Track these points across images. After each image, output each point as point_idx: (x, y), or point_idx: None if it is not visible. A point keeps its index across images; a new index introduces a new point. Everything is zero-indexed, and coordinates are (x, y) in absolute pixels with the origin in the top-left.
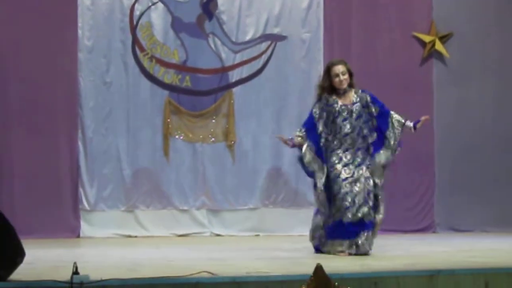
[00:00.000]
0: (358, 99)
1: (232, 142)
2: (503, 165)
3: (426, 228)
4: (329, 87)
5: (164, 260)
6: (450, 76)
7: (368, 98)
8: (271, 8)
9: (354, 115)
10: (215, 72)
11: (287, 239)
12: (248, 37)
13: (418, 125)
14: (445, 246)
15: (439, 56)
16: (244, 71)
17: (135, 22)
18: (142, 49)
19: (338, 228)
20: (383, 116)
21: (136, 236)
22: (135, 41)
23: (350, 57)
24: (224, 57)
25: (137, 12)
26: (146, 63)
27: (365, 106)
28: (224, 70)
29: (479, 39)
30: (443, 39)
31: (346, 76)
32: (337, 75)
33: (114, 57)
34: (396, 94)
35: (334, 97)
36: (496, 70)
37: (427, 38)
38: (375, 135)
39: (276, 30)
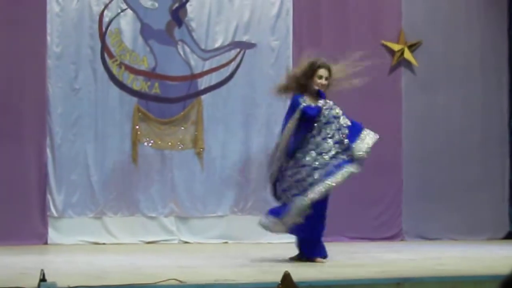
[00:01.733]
0: (327, 105)
1: (201, 150)
2: (471, 173)
3: (394, 236)
4: (304, 85)
5: (132, 267)
6: (418, 84)
7: (340, 112)
8: (240, 15)
9: (324, 120)
10: (184, 80)
11: (255, 247)
12: (217, 45)
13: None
14: (413, 254)
15: (408, 64)
16: (213, 79)
17: (104, 29)
18: (111, 56)
19: None
20: (355, 129)
21: (104, 243)
22: (104, 47)
23: None
24: (193, 64)
25: (106, 19)
26: (115, 69)
27: (336, 116)
28: (193, 77)
29: (447, 47)
30: (412, 47)
31: (327, 82)
32: (321, 77)
33: (83, 64)
34: (365, 102)
35: (305, 97)
36: (464, 78)
37: (396, 47)
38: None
39: (245, 38)
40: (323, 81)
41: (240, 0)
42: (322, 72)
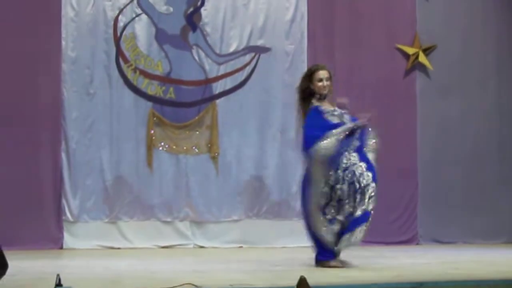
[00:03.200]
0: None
1: (216, 154)
2: (486, 177)
3: (409, 240)
4: (307, 91)
5: (147, 272)
6: (433, 88)
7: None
8: (255, 20)
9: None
10: (199, 84)
11: (270, 251)
12: (232, 49)
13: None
14: (429, 258)
15: (423, 68)
16: (228, 83)
17: (119, 34)
18: (126, 61)
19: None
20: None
21: (119, 248)
22: (119, 52)
23: (334, 69)
24: (208, 69)
25: (121, 24)
26: (129, 74)
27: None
28: (208, 82)
29: (463, 51)
30: (427, 51)
31: (329, 83)
32: (321, 80)
33: (98, 68)
34: (379, 106)
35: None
36: (479, 82)
37: (410, 50)
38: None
39: (260, 42)
40: (324, 83)
41: (254, 5)
42: (320, 74)
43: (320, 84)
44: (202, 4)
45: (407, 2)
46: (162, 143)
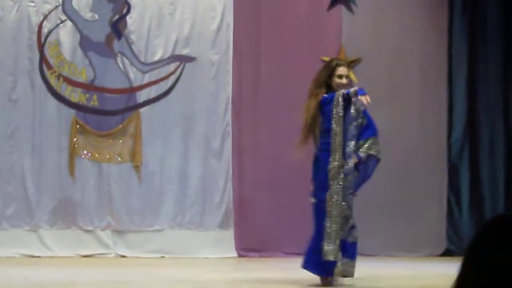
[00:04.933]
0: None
1: (139, 163)
2: (409, 190)
3: None
4: (324, 84)
5: (67, 281)
6: None
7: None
8: (180, 29)
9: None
10: (123, 92)
11: (192, 262)
12: (157, 58)
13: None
14: None
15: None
16: (152, 92)
17: (43, 40)
18: (49, 67)
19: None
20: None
21: (39, 256)
22: (42, 59)
23: (259, 80)
24: (132, 77)
25: (45, 30)
26: (53, 81)
27: None
28: (132, 90)
29: (388, 65)
30: (352, 63)
31: (346, 81)
32: (341, 76)
33: (21, 75)
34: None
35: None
36: (404, 96)
37: None
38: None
39: (185, 51)
40: (343, 81)
41: (180, 14)
42: (342, 71)
43: (339, 81)
44: (128, 12)
45: (333, 14)
46: (85, 151)
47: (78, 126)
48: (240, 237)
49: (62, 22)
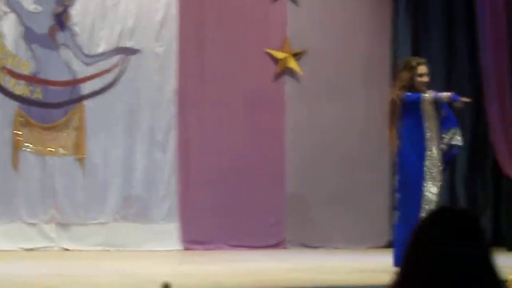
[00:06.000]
0: None
1: (83, 156)
2: (353, 182)
3: (276, 244)
4: (408, 86)
5: (11, 276)
6: (302, 92)
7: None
8: (124, 21)
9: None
10: (67, 85)
11: (137, 255)
12: (101, 50)
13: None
14: (295, 263)
15: (292, 73)
16: (96, 84)
17: None
18: None
19: None
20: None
21: None
22: None
23: (205, 72)
24: (76, 69)
25: None
26: None
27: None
28: (76, 82)
29: (332, 57)
30: (297, 56)
31: (428, 79)
32: (422, 75)
33: None
34: (248, 110)
35: None
36: (347, 88)
37: (280, 55)
38: None
39: (129, 44)
40: (425, 79)
41: (124, 6)
42: (423, 69)
43: (420, 79)
44: (71, 3)
45: (277, 6)
46: (28, 144)
47: (21, 119)
48: (185, 230)
49: (5, 14)
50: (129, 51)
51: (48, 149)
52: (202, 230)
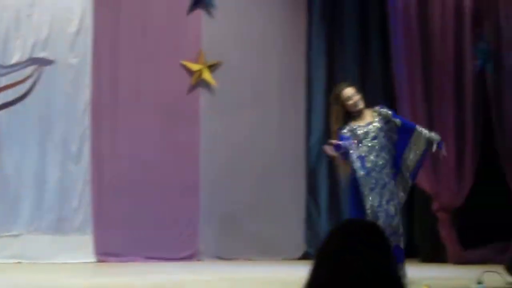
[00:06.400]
0: (378, 116)
1: None
2: (268, 193)
3: (190, 256)
4: (343, 115)
5: None
6: (217, 104)
7: (390, 113)
8: (38, 31)
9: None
10: None
11: (50, 267)
12: (14, 60)
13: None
14: (209, 275)
15: (207, 84)
16: (9, 95)
17: None
18: None
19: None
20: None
21: None
22: None
23: (118, 83)
24: None
25: None
26: None
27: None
28: None
29: (247, 69)
30: (211, 68)
31: (358, 96)
32: (349, 99)
33: None
34: (163, 122)
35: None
36: (263, 99)
37: (195, 67)
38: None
39: (43, 54)
40: (352, 100)
41: (38, 16)
42: (346, 93)
43: (349, 103)
44: None
45: (192, 18)
46: None
47: None
48: (99, 241)
49: None
50: (43, 62)
51: None
52: (116, 242)
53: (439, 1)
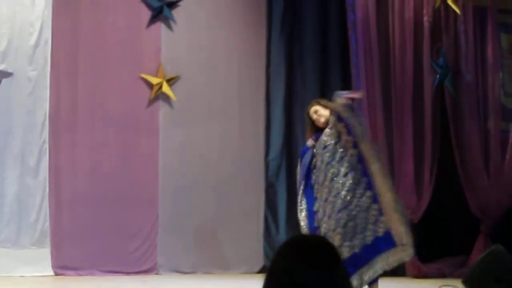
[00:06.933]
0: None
1: None
2: (227, 206)
3: (148, 269)
4: (313, 130)
5: None
6: (176, 118)
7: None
8: None
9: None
10: None
11: (8, 280)
12: None
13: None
14: None
15: (166, 98)
16: None
17: None
18: None
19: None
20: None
21: None
22: None
23: (78, 96)
24: None
25: None
26: None
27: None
28: None
29: (206, 82)
30: (171, 81)
31: (321, 112)
32: (315, 113)
33: None
34: (122, 135)
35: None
36: (222, 113)
37: (154, 80)
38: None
39: (1, 66)
40: (315, 116)
41: None
42: (312, 109)
43: (315, 118)
44: None
45: (152, 31)
46: None
47: None
48: (57, 255)
49: None
50: (1, 74)
51: None
52: (74, 256)
53: (398, 15)
